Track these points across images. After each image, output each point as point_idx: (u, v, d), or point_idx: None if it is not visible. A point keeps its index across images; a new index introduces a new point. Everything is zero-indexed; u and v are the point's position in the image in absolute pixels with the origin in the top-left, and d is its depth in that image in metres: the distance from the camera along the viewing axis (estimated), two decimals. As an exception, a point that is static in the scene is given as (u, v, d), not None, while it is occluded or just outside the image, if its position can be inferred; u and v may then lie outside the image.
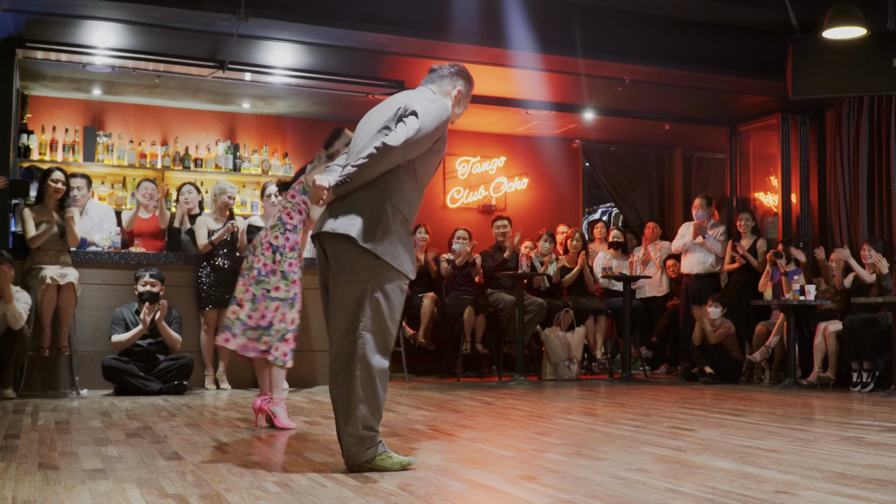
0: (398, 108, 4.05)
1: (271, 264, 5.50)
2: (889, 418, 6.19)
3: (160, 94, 10.37)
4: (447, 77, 4.35)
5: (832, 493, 3.44)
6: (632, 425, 5.67)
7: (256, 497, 3.30)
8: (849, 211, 10.03)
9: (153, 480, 3.64)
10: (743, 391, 8.56)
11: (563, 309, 9.96)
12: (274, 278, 5.51)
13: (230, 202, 8.41)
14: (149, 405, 6.74)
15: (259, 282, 5.46)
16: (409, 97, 4.15)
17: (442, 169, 11.95)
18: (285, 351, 5.47)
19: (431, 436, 5.13)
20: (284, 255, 5.56)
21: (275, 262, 5.52)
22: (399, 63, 9.33)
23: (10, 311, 7.15)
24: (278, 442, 4.78)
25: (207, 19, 7.93)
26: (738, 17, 9.16)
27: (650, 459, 4.25)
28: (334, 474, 3.79)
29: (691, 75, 9.60)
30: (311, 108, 11.01)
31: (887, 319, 8.34)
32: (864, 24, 8.37)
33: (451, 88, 4.31)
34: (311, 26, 8.20)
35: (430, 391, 8.31)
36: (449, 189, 11.96)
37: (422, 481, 3.64)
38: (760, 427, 5.63)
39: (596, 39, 8.94)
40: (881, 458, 4.29)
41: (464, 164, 12.00)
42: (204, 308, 8.16)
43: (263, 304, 5.44)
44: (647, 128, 11.69)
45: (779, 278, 9.38)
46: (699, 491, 3.46)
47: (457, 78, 4.37)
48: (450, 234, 10.36)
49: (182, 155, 10.75)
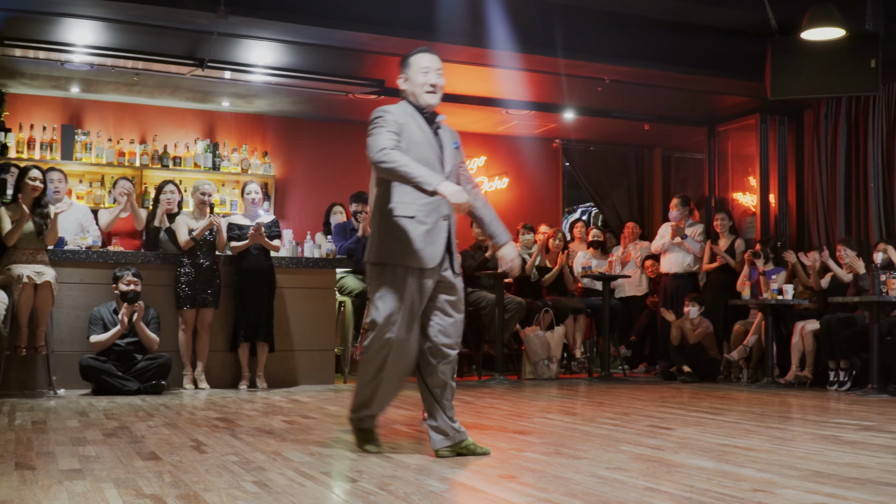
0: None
1: None
2: (866, 417, 6.23)
3: (139, 92, 10.33)
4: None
5: (809, 491, 3.46)
6: (611, 424, 5.68)
7: (235, 497, 3.29)
8: (826, 211, 10.10)
9: (131, 480, 3.62)
10: (721, 390, 8.61)
11: (542, 308, 9.98)
12: None
13: (206, 199, 8.37)
14: (126, 405, 6.70)
15: None
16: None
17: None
18: None
19: (411, 435, 5.13)
20: None
21: None
22: (380, 62, 9.33)
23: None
24: (257, 442, 4.77)
25: (187, 17, 7.89)
26: (718, 18, 9.20)
27: (629, 458, 4.27)
28: (313, 474, 3.78)
29: (671, 76, 9.63)
30: (292, 107, 10.99)
31: (864, 319, 8.41)
32: (843, 25, 8.42)
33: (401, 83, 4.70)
34: (291, 25, 8.18)
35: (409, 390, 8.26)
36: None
37: (401, 481, 3.64)
38: (738, 426, 5.66)
39: (576, 39, 8.97)
40: (858, 457, 4.32)
41: (444, 164, 11.98)
42: (182, 307, 8.12)
43: None
44: (626, 128, 11.74)
45: (757, 278, 9.43)
46: (677, 489, 3.47)
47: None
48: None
49: (161, 153, 10.70)
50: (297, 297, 8.70)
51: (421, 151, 4.34)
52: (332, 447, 4.61)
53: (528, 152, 12.38)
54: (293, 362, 8.65)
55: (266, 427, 5.42)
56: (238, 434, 5.08)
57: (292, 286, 8.68)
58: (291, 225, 10.47)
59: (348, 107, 10.80)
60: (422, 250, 4.25)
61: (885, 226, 9.41)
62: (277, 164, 11.40)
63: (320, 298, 8.81)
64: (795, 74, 9.03)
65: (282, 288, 8.59)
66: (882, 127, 9.49)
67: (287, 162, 11.49)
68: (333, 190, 10.92)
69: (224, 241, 8.29)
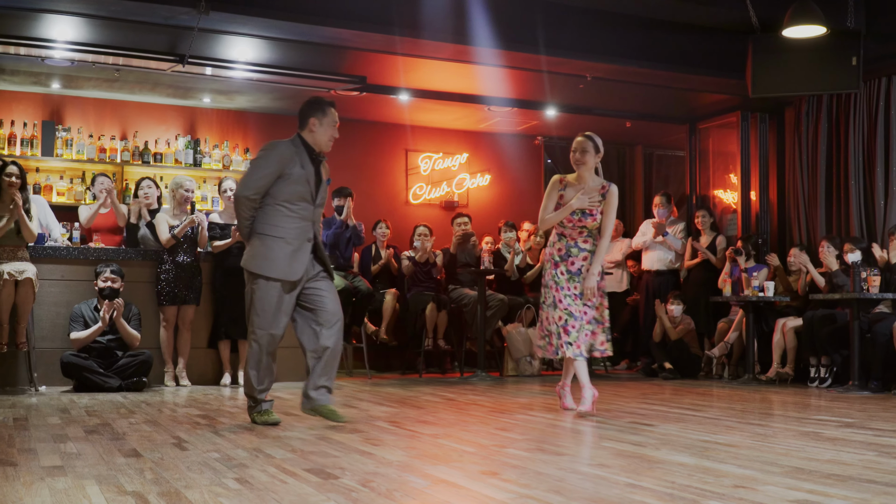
0: None
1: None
2: (847, 414, 6.27)
3: (119, 88, 10.27)
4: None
5: (790, 487, 3.48)
6: (592, 420, 5.70)
7: (216, 494, 3.28)
8: (807, 208, 10.15)
9: (112, 477, 3.61)
10: (702, 386, 8.64)
11: (524, 305, 9.99)
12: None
13: (188, 195, 8.35)
14: (108, 402, 6.67)
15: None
16: None
17: (405, 165, 11.95)
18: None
19: (393, 431, 5.13)
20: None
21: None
22: (362, 59, 9.30)
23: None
24: (238, 438, 4.75)
25: (167, 13, 7.85)
26: (699, 16, 9.22)
27: (610, 454, 4.28)
28: (295, 471, 3.78)
29: (652, 73, 9.65)
30: (273, 104, 10.95)
31: (845, 316, 8.45)
32: (824, 22, 8.46)
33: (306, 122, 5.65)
34: (272, 21, 8.14)
35: (392, 387, 8.30)
36: (412, 185, 11.97)
37: (383, 477, 3.63)
38: (719, 422, 5.69)
39: (558, 37, 8.97)
40: (839, 454, 4.35)
41: (426, 161, 12.01)
42: (163, 304, 8.09)
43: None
44: (608, 125, 11.74)
45: (738, 275, 9.47)
46: (658, 485, 3.48)
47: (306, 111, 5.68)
48: (412, 229, 10.36)
49: (141, 149, 10.65)
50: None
51: (297, 186, 5.32)
52: (314, 444, 4.60)
53: (510, 149, 12.40)
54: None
55: (248, 424, 5.41)
56: (220, 431, 5.06)
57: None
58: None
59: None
60: (287, 266, 5.31)
61: (865, 223, 9.47)
62: (259, 160, 11.34)
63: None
64: (777, 72, 9.06)
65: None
66: (863, 124, 9.54)
67: (269, 158, 11.43)
68: (315, 186, 10.87)
69: (206, 238, 8.26)
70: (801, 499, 3.24)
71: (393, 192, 11.87)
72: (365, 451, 4.35)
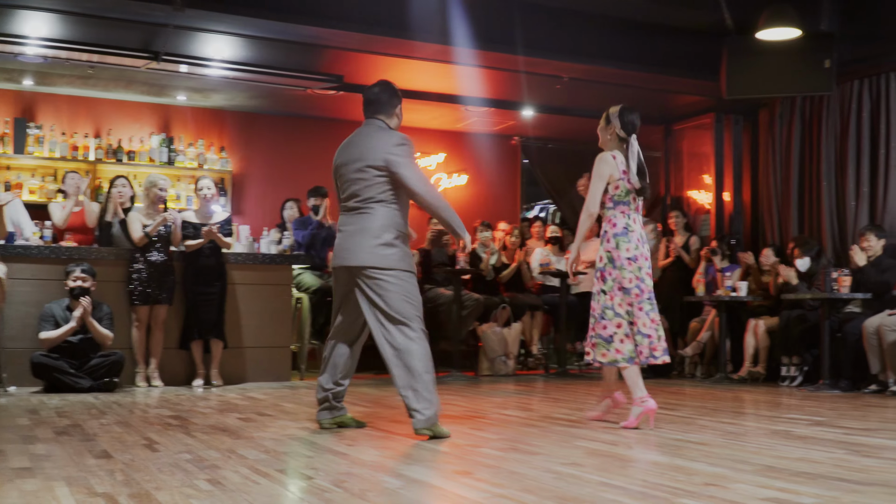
0: None
1: None
2: (817, 412, 6.32)
3: (93, 86, 10.20)
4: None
5: (761, 485, 3.50)
6: (566, 420, 5.72)
7: (188, 496, 3.26)
8: (780, 209, 10.22)
9: (82, 479, 3.58)
10: (674, 385, 8.68)
11: (499, 305, 10.01)
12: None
13: (162, 194, 8.30)
14: (78, 403, 6.62)
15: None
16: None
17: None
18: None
19: (366, 432, 5.12)
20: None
21: None
22: (339, 58, 9.28)
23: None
24: (211, 440, 4.73)
25: (142, 9, 7.80)
26: (675, 18, 9.27)
27: (584, 454, 4.29)
28: (268, 471, 3.76)
29: (628, 74, 9.69)
30: (249, 102, 10.91)
31: (817, 315, 8.51)
32: (798, 24, 8.53)
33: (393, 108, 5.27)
34: (248, 18, 8.10)
35: (367, 387, 8.29)
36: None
37: (357, 477, 3.63)
38: (691, 421, 5.72)
39: (535, 37, 8.99)
40: (809, 452, 4.38)
41: (402, 160, 11.98)
42: (135, 304, 8.03)
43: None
44: (584, 125, 11.74)
45: (713, 275, 9.52)
46: (631, 484, 3.50)
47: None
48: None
49: (115, 148, 10.58)
50: (253, 293, 8.64)
51: None
52: (287, 444, 4.59)
53: (486, 149, 12.40)
54: (249, 359, 8.60)
55: (220, 424, 5.38)
56: (191, 432, 5.04)
57: (249, 282, 8.62)
58: (248, 220, 10.39)
59: (307, 102, 10.75)
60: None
61: (836, 223, 9.55)
62: (234, 159, 11.32)
63: (277, 295, 8.76)
64: (751, 74, 9.12)
65: (238, 284, 8.53)
66: (836, 126, 9.61)
67: (244, 157, 11.41)
68: (291, 185, 10.85)
69: (179, 238, 8.21)
70: (771, 497, 3.26)
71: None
72: (339, 451, 4.34)
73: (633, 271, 5.38)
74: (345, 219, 5.09)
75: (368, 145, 5.03)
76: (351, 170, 5.03)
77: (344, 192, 5.10)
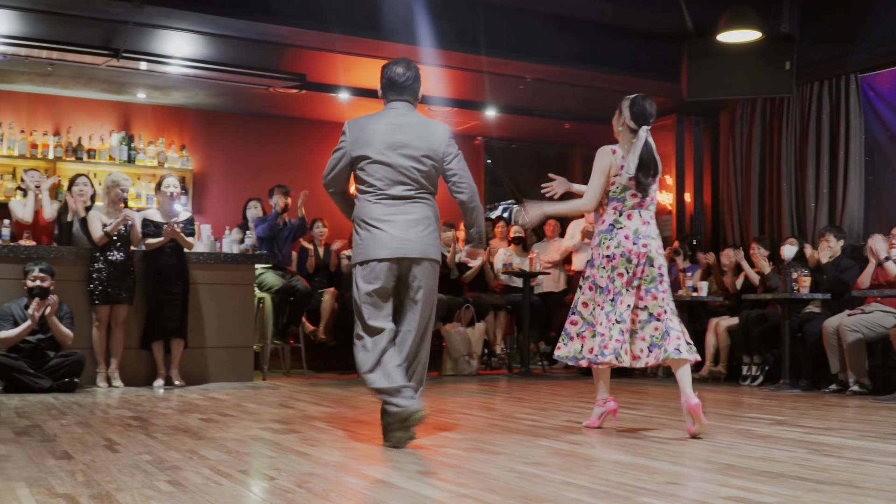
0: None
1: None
2: (778, 412, 6.38)
3: (53, 83, 10.07)
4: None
5: (722, 484, 3.52)
6: (530, 420, 5.73)
7: (148, 497, 3.23)
8: (741, 210, 10.31)
9: (43, 480, 3.53)
10: (637, 384, 8.74)
11: (463, 305, 10.01)
12: None
13: (123, 195, 8.21)
14: (38, 403, 6.54)
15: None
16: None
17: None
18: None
19: (330, 432, 5.10)
20: None
21: None
22: (301, 56, 9.25)
23: None
24: (172, 440, 4.69)
25: (102, 6, 7.72)
26: (637, 20, 9.34)
27: (547, 453, 4.30)
28: (230, 472, 3.73)
29: (590, 75, 9.74)
30: (210, 100, 10.83)
31: (777, 315, 8.60)
32: (759, 27, 8.61)
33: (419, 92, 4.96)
34: (209, 16, 8.04)
35: (330, 387, 8.26)
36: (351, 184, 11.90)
37: (320, 478, 3.61)
38: (653, 420, 5.75)
39: (498, 37, 9.01)
40: (770, 451, 4.42)
41: (365, 160, 11.96)
42: (95, 304, 7.94)
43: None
44: (547, 126, 11.84)
45: (675, 275, 9.58)
46: (593, 483, 3.51)
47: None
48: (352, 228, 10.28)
49: (75, 146, 10.46)
50: (215, 293, 8.58)
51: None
52: (249, 445, 4.56)
53: (449, 149, 12.39)
54: (211, 359, 8.53)
55: (181, 425, 5.33)
56: (152, 433, 4.99)
57: (210, 282, 8.55)
58: (210, 220, 10.32)
59: (269, 101, 10.69)
60: None
61: (796, 224, 9.65)
62: (195, 157, 11.23)
63: (239, 294, 8.71)
64: (711, 76, 9.19)
65: (200, 284, 8.46)
66: (796, 128, 9.72)
67: (206, 156, 11.32)
68: (253, 184, 10.79)
69: (139, 237, 8.13)
70: (733, 495, 3.28)
71: (332, 191, 11.80)
72: (301, 451, 4.32)
73: (608, 270, 5.15)
74: (391, 209, 4.70)
75: (421, 133, 4.73)
76: (402, 156, 4.67)
77: (385, 180, 4.70)
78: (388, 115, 4.76)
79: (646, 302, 5.12)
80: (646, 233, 5.17)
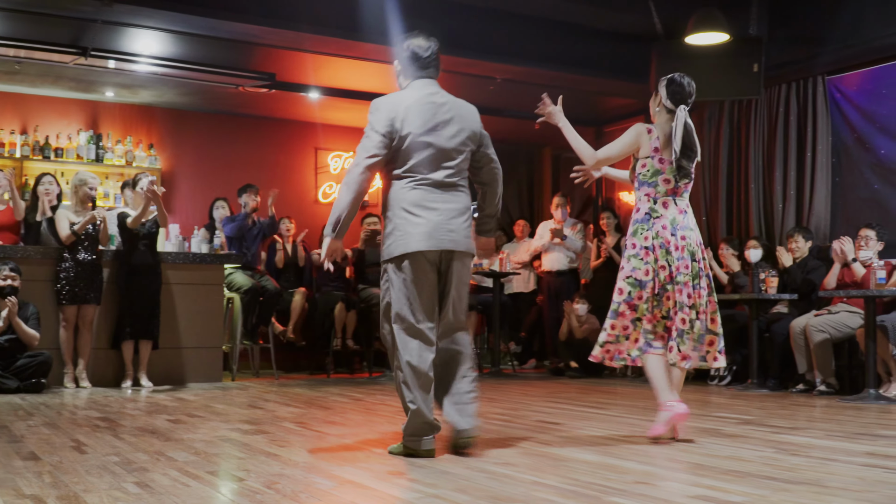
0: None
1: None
2: (746, 411, 6.43)
3: (20, 81, 9.98)
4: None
5: (691, 483, 3.55)
6: (500, 420, 5.74)
7: (115, 498, 3.20)
8: (709, 210, 10.38)
9: (9, 481, 3.50)
10: (607, 385, 8.78)
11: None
12: None
13: (92, 193, 8.15)
14: (5, 404, 6.47)
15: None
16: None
17: (314, 163, 11.88)
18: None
19: (299, 433, 5.08)
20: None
21: None
22: (270, 55, 9.21)
23: None
24: (140, 442, 4.65)
25: (70, 4, 7.66)
26: (606, 21, 9.38)
27: (517, 453, 4.31)
28: (198, 473, 3.71)
29: (560, 76, 9.77)
30: (179, 99, 10.77)
31: (745, 315, 8.67)
32: (727, 29, 8.67)
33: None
34: (178, 14, 8.00)
35: (300, 388, 8.23)
36: (321, 184, 11.90)
37: (289, 479, 3.60)
38: (622, 420, 5.78)
39: (468, 38, 9.02)
40: (738, 450, 4.45)
41: (336, 159, 11.96)
42: (63, 304, 7.87)
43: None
44: (517, 127, 11.84)
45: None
46: (563, 483, 3.52)
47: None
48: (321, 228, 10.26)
49: (42, 144, 10.36)
50: (183, 293, 8.53)
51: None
52: (218, 446, 4.53)
53: (420, 149, 12.39)
54: (180, 360, 8.48)
55: (149, 426, 5.30)
56: (120, 434, 4.95)
57: (179, 282, 8.51)
58: (178, 219, 10.26)
59: (238, 100, 10.65)
60: None
61: (764, 225, 9.72)
62: (164, 156, 11.15)
63: (208, 295, 8.66)
64: (680, 78, 9.23)
65: (168, 284, 8.41)
66: (763, 130, 9.79)
67: (174, 155, 11.25)
68: (222, 184, 10.74)
69: (108, 236, 8.08)
70: (701, 494, 3.30)
71: (302, 190, 11.78)
72: (270, 452, 4.30)
73: (651, 263, 4.81)
74: (433, 195, 4.26)
75: (460, 114, 4.42)
76: (445, 137, 4.32)
77: (426, 162, 4.28)
78: (419, 93, 4.39)
79: (693, 300, 4.79)
80: (683, 223, 4.83)
